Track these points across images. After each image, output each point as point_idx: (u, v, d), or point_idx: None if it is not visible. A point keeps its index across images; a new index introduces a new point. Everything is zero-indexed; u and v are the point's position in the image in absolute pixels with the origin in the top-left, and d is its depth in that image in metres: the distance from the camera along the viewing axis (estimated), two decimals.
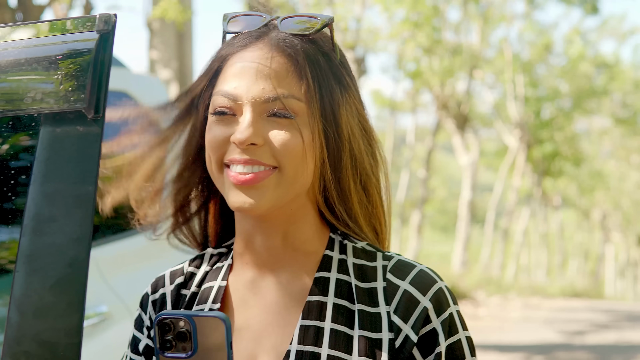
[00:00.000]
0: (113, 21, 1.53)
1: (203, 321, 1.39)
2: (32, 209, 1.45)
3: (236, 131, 1.59)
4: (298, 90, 1.60)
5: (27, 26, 1.61)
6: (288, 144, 1.59)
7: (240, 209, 1.61)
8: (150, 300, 1.78)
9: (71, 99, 1.47)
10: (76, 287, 1.40)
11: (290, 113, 1.59)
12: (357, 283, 1.66)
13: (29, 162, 1.48)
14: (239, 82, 1.61)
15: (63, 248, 1.41)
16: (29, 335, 1.39)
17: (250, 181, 1.58)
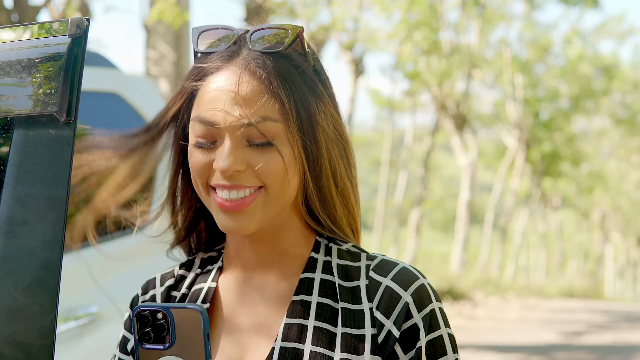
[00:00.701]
0: (85, 25, 1.54)
1: (180, 313, 1.40)
2: (5, 211, 1.45)
3: (218, 159, 1.61)
4: (274, 111, 1.62)
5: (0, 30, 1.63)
6: (270, 167, 1.62)
7: (230, 232, 1.66)
8: (140, 301, 1.82)
9: (43, 102, 1.48)
10: (49, 289, 1.41)
11: (268, 139, 1.61)
12: (340, 282, 1.70)
13: (1, 166, 1.49)
14: (215, 109, 1.62)
15: (36, 250, 1.42)
16: (2, 337, 1.40)
17: (238, 207, 1.62)
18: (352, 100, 22.07)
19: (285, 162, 1.63)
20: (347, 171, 1.75)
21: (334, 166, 1.71)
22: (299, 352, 1.63)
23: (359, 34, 21.75)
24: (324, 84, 1.72)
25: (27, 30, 1.59)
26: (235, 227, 1.63)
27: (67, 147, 1.47)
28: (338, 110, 1.75)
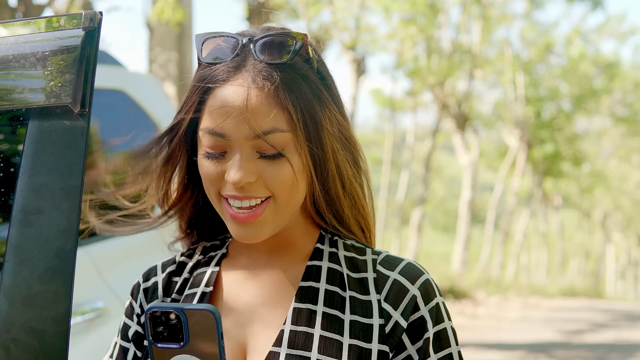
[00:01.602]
0: (98, 18, 1.56)
1: (193, 314, 1.42)
2: (20, 201, 1.48)
3: (229, 171, 1.65)
4: (282, 122, 1.64)
5: (14, 24, 1.65)
6: (280, 177, 1.66)
7: (243, 240, 1.70)
8: (141, 288, 1.85)
9: (58, 94, 1.51)
10: (64, 277, 1.43)
11: (278, 150, 1.64)
12: (348, 273, 1.75)
13: (17, 156, 1.51)
14: (224, 122, 1.64)
15: (51, 239, 1.45)
16: (17, 324, 1.42)
17: (250, 218, 1.66)
18: (354, 99, 22.05)
19: (294, 170, 1.67)
20: (356, 173, 1.80)
21: (340, 169, 1.75)
22: (309, 335, 1.67)
23: (361, 34, 21.74)
24: (329, 88, 1.75)
25: (41, 24, 1.61)
26: (248, 236, 1.69)
27: (81, 138, 1.50)
28: (344, 114, 1.78)
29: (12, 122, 1.56)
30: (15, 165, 1.51)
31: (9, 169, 1.54)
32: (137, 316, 1.82)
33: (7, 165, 1.55)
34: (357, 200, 1.80)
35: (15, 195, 1.49)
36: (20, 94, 1.54)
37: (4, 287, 1.44)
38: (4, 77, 1.57)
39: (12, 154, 1.54)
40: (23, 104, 1.53)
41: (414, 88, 28.65)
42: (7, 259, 1.46)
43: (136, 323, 1.81)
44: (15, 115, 1.55)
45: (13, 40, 1.60)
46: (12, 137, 1.57)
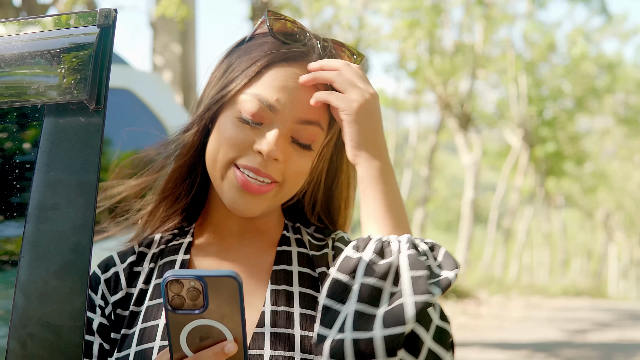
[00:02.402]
0: (113, 16, 1.58)
1: (214, 281, 1.40)
2: (36, 197, 1.49)
3: (261, 141, 1.69)
4: (324, 120, 1.75)
5: (29, 21, 1.66)
6: (299, 168, 1.73)
7: (237, 211, 1.74)
8: (102, 279, 1.82)
9: (73, 91, 1.52)
10: (80, 273, 1.44)
11: (310, 143, 1.73)
12: (314, 253, 1.83)
13: (32, 152, 1.52)
14: (279, 96, 1.70)
15: (66, 235, 1.46)
16: (33, 319, 1.43)
17: (257, 191, 1.70)
18: None
19: (310, 165, 1.76)
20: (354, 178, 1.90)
21: (348, 178, 1.88)
22: (290, 314, 1.71)
23: (363, 33, 21.75)
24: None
25: (56, 21, 1.62)
26: (246, 208, 1.72)
27: (96, 134, 1.51)
28: None
29: (28, 118, 1.57)
30: (31, 161, 1.52)
31: (25, 165, 1.55)
32: (101, 308, 1.79)
33: (23, 162, 1.56)
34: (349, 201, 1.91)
35: (31, 191, 1.50)
36: (36, 90, 1.55)
37: (20, 282, 1.45)
38: (20, 74, 1.58)
39: (28, 150, 1.55)
40: (39, 101, 1.54)
41: (416, 87, 28.66)
42: (23, 255, 1.47)
43: (100, 315, 1.79)
44: (31, 111, 1.56)
45: (28, 37, 1.62)
46: (28, 133, 1.57)
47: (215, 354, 1.41)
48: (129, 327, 1.75)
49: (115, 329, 1.77)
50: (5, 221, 1.58)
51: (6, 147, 1.61)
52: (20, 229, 1.50)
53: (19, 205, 1.54)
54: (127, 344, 1.73)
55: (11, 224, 1.57)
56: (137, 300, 1.79)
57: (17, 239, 1.51)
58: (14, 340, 1.44)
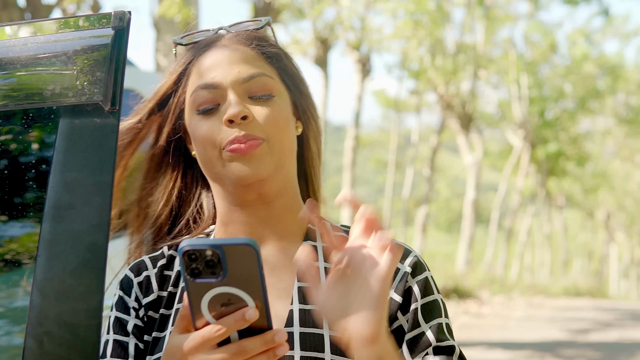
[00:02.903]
0: (127, 18, 1.60)
1: (231, 249, 1.39)
2: (52, 196, 1.51)
3: (227, 112, 1.72)
4: (268, 69, 1.80)
5: (45, 23, 1.68)
6: (270, 117, 1.74)
7: (245, 179, 1.73)
8: (135, 282, 1.83)
9: (88, 92, 1.54)
10: (96, 271, 1.46)
11: (269, 92, 1.76)
12: None
13: (49, 153, 1.54)
14: (214, 73, 1.76)
15: (82, 234, 1.48)
16: (50, 317, 1.45)
17: (248, 149, 1.70)
18: (359, 99, 22.04)
19: (284, 115, 1.77)
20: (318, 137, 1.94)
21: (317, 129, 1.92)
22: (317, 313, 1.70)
23: (366, 34, 21.75)
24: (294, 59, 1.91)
25: (71, 23, 1.64)
26: (251, 171, 1.72)
27: (111, 135, 1.53)
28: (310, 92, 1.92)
29: (44, 119, 1.59)
30: (47, 161, 1.54)
31: (41, 165, 1.57)
32: (135, 310, 1.80)
33: (40, 162, 1.58)
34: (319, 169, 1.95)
35: (48, 191, 1.51)
36: (52, 92, 1.57)
37: (37, 281, 1.47)
38: (36, 75, 1.60)
39: (44, 151, 1.57)
40: (54, 102, 1.56)
41: (418, 88, 28.66)
42: (40, 254, 1.48)
43: (134, 317, 1.80)
44: (47, 113, 1.57)
45: (44, 39, 1.64)
46: (44, 134, 1.59)
47: (236, 321, 1.40)
48: (160, 330, 1.76)
49: (148, 332, 1.79)
50: (22, 221, 1.60)
51: (23, 147, 1.63)
52: (36, 228, 1.51)
53: (36, 205, 1.56)
54: (159, 347, 1.74)
55: (28, 223, 1.59)
56: (167, 303, 1.80)
57: (34, 238, 1.52)
58: (31, 339, 1.45)
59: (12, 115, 1.62)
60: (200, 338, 1.42)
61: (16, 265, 1.61)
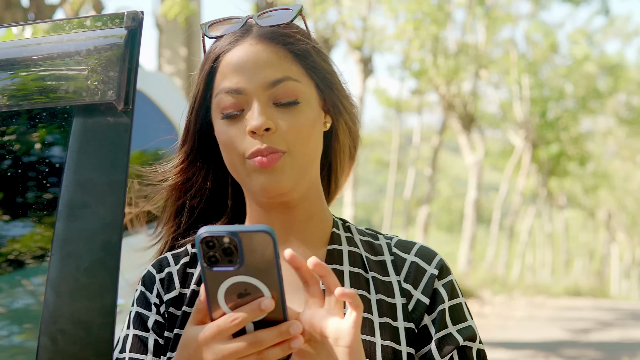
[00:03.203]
0: (140, 18, 1.61)
1: (248, 236, 1.39)
2: (66, 196, 1.52)
3: (249, 122, 1.70)
4: (293, 72, 1.74)
5: (58, 23, 1.69)
6: (295, 126, 1.72)
7: (269, 192, 1.72)
8: (157, 278, 1.82)
9: (102, 91, 1.55)
10: (109, 270, 1.48)
11: (294, 98, 1.73)
12: (368, 255, 1.83)
13: (62, 152, 1.55)
14: (239, 77, 1.72)
15: (96, 233, 1.50)
16: (64, 315, 1.47)
17: (269, 163, 1.69)
18: (360, 99, 22.03)
19: (309, 123, 1.74)
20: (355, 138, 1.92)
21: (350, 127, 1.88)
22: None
23: (367, 33, 21.75)
24: (325, 51, 1.85)
25: (84, 23, 1.65)
26: (273, 183, 1.71)
27: (125, 134, 1.54)
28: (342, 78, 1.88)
29: (57, 119, 1.60)
30: (61, 161, 1.55)
31: (55, 164, 1.58)
32: (156, 306, 1.80)
33: (53, 161, 1.59)
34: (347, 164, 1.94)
35: (61, 190, 1.52)
36: (65, 91, 1.58)
37: (50, 279, 1.48)
38: (49, 75, 1.61)
39: (57, 150, 1.58)
40: (68, 102, 1.57)
41: (420, 88, 28.66)
42: (54, 253, 1.49)
43: (155, 312, 1.79)
44: (60, 112, 1.58)
45: (57, 39, 1.65)
46: (57, 133, 1.60)
47: (252, 311, 1.41)
48: (182, 327, 1.76)
49: (168, 328, 1.78)
50: (36, 219, 1.61)
51: (36, 147, 1.64)
52: (50, 227, 1.52)
53: (49, 204, 1.57)
54: None
55: (42, 222, 1.60)
56: (189, 301, 1.79)
57: (48, 237, 1.53)
58: (45, 337, 1.47)
59: (25, 114, 1.63)
60: (216, 328, 1.43)
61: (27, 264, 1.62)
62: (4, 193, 1.65)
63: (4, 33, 1.83)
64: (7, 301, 1.64)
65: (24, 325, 1.56)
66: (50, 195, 1.58)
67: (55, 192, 1.54)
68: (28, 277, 1.62)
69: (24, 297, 1.65)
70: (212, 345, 1.44)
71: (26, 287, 1.63)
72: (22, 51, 1.66)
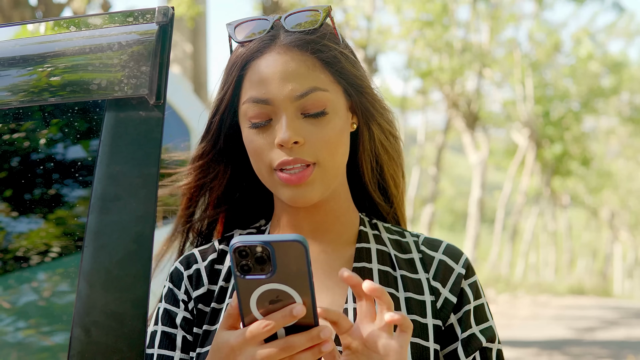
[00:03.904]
0: (171, 14, 1.63)
1: (281, 246, 1.41)
2: (98, 189, 1.54)
3: (278, 134, 1.70)
4: (321, 82, 1.74)
5: (89, 19, 1.71)
6: (324, 137, 1.73)
7: (298, 204, 1.74)
8: (185, 275, 1.84)
9: (134, 86, 1.57)
10: (142, 262, 1.50)
11: (322, 109, 1.73)
12: (396, 253, 1.86)
13: (94, 146, 1.57)
14: (267, 88, 1.72)
15: (129, 225, 1.52)
16: (97, 307, 1.49)
17: (299, 180, 1.71)
18: None
19: (337, 129, 1.75)
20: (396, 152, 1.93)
21: (387, 151, 1.90)
22: None
23: (372, 33, 21.76)
24: (354, 54, 1.85)
25: (116, 18, 1.67)
26: (302, 197, 1.73)
27: (157, 128, 1.56)
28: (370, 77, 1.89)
29: (89, 113, 1.61)
30: (93, 154, 1.56)
31: (87, 158, 1.60)
32: (184, 302, 1.82)
33: (86, 155, 1.61)
34: (399, 177, 1.95)
35: (94, 183, 1.54)
36: (98, 86, 1.60)
37: (84, 271, 1.50)
38: (82, 70, 1.63)
39: (90, 144, 1.60)
40: (100, 96, 1.59)
41: (424, 87, 28.65)
42: (87, 245, 1.51)
43: (183, 309, 1.81)
44: (92, 106, 1.60)
45: (89, 34, 1.67)
46: (89, 127, 1.62)
47: (283, 317, 1.43)
48: (211, 323, 1.79)
49: (198, 324, 1.80)
50: (69, 213, 1.63)
51: (69, 141, 1.66)
52: (83, 220, 1.54)
53: (82, 197, 1.59)
54: (210, 340, 1.76)
55: (75, 215, 1.62)
56: (218, 297, 1.81)
57: (81, 229, 1.55)
58: (79, 328, 1.49)
59: (58, 108, 1.65)
60: (249, 334, 1.46)
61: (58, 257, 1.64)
62: (37, 186, 1.67)
63: (19, 30, 1.85)
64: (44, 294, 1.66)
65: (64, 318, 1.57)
66: (83, 189, 1.60)
67: (88, 185, 1.56)
68: (62, 268, 1.64)
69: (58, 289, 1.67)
70: (245, 350, 1.47)
71: (59, 280, 1.64)
72: (55, 46, 1.68)
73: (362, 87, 1.82)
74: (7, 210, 1.68)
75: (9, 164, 1.69)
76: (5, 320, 1.64)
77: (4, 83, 1.66)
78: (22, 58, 1.67)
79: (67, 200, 1.64)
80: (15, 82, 1.67)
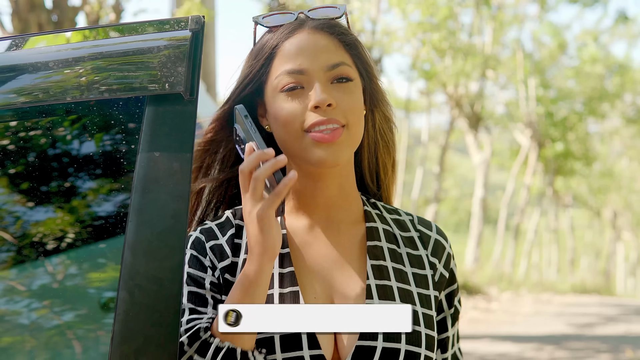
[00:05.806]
0: (202, 22, 1.89)
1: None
2: (141, 172, 1.78)
3: (313, 97, 1.91)
4: (347, 58, 1.96)
5: (133, 25, 1.98)
6: (354, 103, 1.94)
7: (325, 164, 1.91)
8: (208, 246, 1.96)
9: (172, 83, 1.82)
10: (178, 234, 1.73)
11: (349, 77, 1.95)
12: (399, 232, 2.07)
13: (137, 136, 1.83)
14: (301, 60, 1.93)
15: (167, 203, 1.75)
16: (140, 272, 1.72)
17: (332, 138, 1.89)
18: None
19: (360, 99, 1.97)
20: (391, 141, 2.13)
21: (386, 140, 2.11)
22: (389, 288, 1.96)
23: (377, 35, 21.88)
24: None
25: (154, 25, 1.94)
26: (332, 157, 1.90)
27: (190, 120, 1.81)
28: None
29: (133, 107, 1.87)
30: (136, 142, 1.82)
31: (131, 146, 1.85)
32: (211, 269, 1.93)
33: (129, 143, 1.86)
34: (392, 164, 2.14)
35: (136, 167, 1.79)
36: (140, 83, 1.86)
37: (128, 242, 1.74)
38: (126, 69, 1.88)
39: (133, 134, 1.85)
40: (143, 92, 1.85)
41: (428, 88, 28.74)
42: (131, 220, 1.75)
43: (210, 275, 1.93)
44: (135, 101, 1.86)
45: (132, 39, 1.93)
46: (133, 119, 1.87)
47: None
48: None
49: (225, 292, 1.92)
50: (116, 193, 1.88)
51: (115, 131, 1.91)
52: (128, 199, 1.80)
53: (127, 180, 1.84)
54: None
55: (121, 195, 1.87)
56: (242, 268, 1.92)
57: (126, 207, 1.81)
58: (124, 291, 1.71)
59: (105, 104, 1.91)
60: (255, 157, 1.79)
61: (107, 231, 1.89)
62: (88, 171, 1.92)
63: (72, 35, 2.10)
64: (98, 262, 1.90)
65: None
66: (128, 172, 1.85)
67: (132, 169, 1.82)
68: (108, 241, 1.89)
69: (100, 258, 1.91)
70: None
71: (106, 251, 1.89)
72: (102, 49, 1.94)
73: (372, 74, 2.03)
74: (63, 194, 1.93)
75: (63, 151, 1.95)
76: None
77: (58, 82, 1.92)
78: (74, 59, 1.93)
79: (113, 183, 1.89)
80: (66, 80, 1.91)
